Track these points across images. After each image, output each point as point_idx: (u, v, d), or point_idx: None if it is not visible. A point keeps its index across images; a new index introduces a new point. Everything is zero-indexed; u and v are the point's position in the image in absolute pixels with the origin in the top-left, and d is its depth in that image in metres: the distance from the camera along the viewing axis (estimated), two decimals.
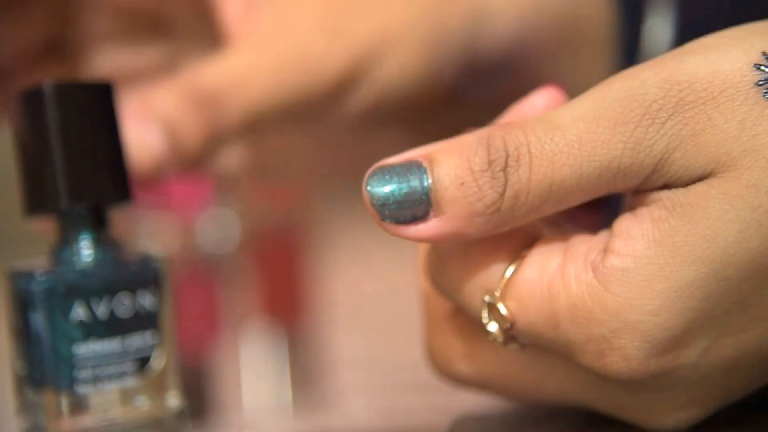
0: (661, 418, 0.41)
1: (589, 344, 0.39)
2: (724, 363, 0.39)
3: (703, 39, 0.40)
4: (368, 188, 0.40)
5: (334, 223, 0.95)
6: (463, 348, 0.44)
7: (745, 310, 0.38)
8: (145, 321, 0.47)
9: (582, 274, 0.39)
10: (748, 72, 0.38)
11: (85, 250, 0.47)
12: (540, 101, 0.44)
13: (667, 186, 0.39)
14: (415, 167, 0.40)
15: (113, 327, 0.46)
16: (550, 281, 0.40)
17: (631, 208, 0.40)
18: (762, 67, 0.38)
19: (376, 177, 0.40)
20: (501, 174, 0.39)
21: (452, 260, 0.41)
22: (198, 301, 0.78)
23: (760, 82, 0.38)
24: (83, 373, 0.46)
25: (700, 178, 0.38)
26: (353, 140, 0.56)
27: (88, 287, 0.46)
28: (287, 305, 0.80)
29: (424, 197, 0.40)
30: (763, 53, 0.38)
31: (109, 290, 0.46)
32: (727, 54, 0.38)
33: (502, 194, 0.39)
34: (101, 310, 0.46)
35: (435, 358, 0.45)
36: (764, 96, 0.38)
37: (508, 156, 0.39)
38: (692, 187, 0.38)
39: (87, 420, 0.46)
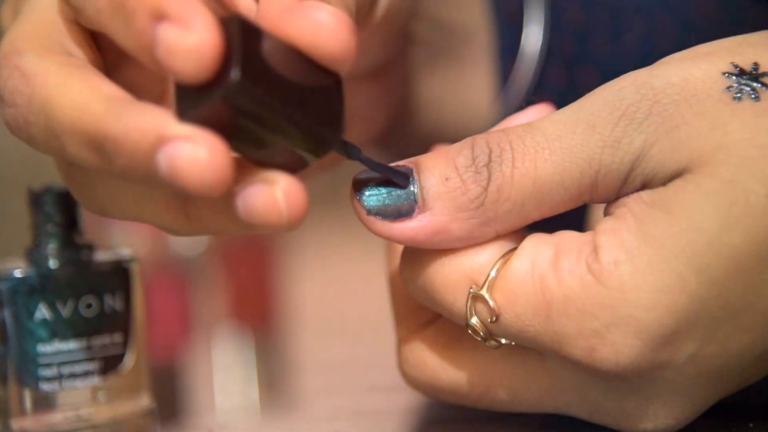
0: (641, 424, 0.41)
1: (581, 338, 0.39)
2: (708, 372, 0.39)
3: (674, 54, 0.41)
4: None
5: (301, 226, 0.94)
6: (439, 359, 0.44)
7: (732, 318, 0.38)
8: (113, 322, 0.47)
9: (576, 268, 0.39)
10: (718, 79, 0.39)
11: (53, 252, 0.47)
12: (532, 114, 0.44)
13: (645, 187, 0.39)
14: (403, 170, 0.40)
15: (79, 327, 0.46)
16: (542, 274, 0.39)
17: (611, 212, 0.40)
18: (731, 75, 0.39)
19: (364, 175, 0.40)
20: (484, 169, 0.40)
21: (435, 253, 0.41)
22: (170, 304, 0.77)
23: (730, 87, 0.39)
24: (48, 371, 0.46)
25: (676, 175, 0.39)
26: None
27: (53, 288, 0.46)
28: (255, 308, 0.79)
29: (410, 194, 0.40)
30: (732, 63, 0.39)
31: (75, 291, 0.46)
32: (698, 64, 0.40)
33: (485, 188, 0.40)
34: (66, 310, 0.46)
35: (409, 370, 0.45)
36: (734, 99, 0.39)
37: (491, 152, 0.40)
38: (669, 184, 0.39)
39: (56, 417, 0.47)
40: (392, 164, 0.41)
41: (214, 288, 0.80)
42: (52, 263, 0.47)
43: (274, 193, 0.37)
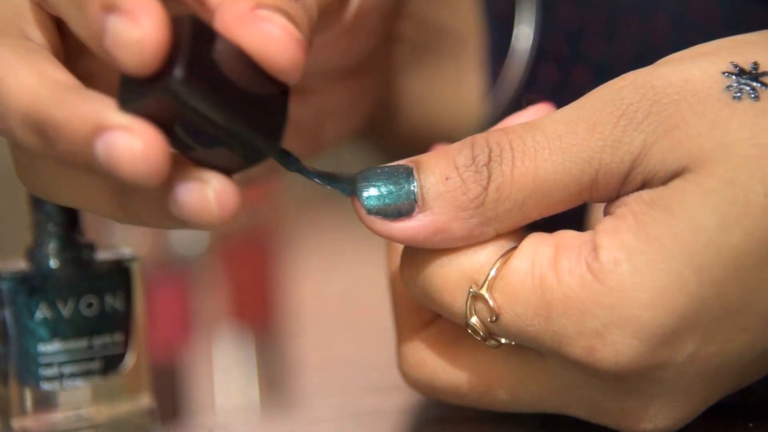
0: (641, 424, 0.41)
1: (581, 338, 0.39)
2: (707, 371, 0.39)
3: (674, 54, 0.41)
4: (356, 183, 0.40)
5: (302, 226, 0.94)
6: (439, 359, 0.44)
7: (732, 318, 0.38)
8: (114, 321, 0.47)
9: (576, 268, 0.39)
10: (718, 78, 0.39)
11: (53, 252, 0.47)
12: (531, 114, 0.44)
13: (645, 186, 0.39)
14: (404, 169, 0.40)
15: (79, 327, 0.46)
16: (542, 273, 0.39)
17: (611, 212, 0.40)
18: (730, 75, 0.39)
19: (364, 174, 0.40)
20: (484, 168, 0.40)
21: (435, 253, 0.41)
22: (170, 304, 0.77)
23: (730, 87, 0.39)
24: (48, 371, 0.46)
25: (676, 175, 0.39)
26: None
27: (54, 287, 0.46)
28: (255, 308, 0.79)
29: (410, 194, 0.40)
30: (732, 63, 0.39)
31: (75, 291, 0.46)
32: (698, 63, 0.39)
33: (485, 188, 0.40)
34: (67, 310, 0.46)
35: (409, 370, 0.45)
36: (734, 98, 0.39)
37: (491, 152, 0.40)
38: (669, 184, 0.39)
39: (57, 417, 0.46)
40: (392, 163, 0.41)
41: (214, 288, 0.80)
42: (53, 263, 0.47)
43: (206, 192, 0.37)
